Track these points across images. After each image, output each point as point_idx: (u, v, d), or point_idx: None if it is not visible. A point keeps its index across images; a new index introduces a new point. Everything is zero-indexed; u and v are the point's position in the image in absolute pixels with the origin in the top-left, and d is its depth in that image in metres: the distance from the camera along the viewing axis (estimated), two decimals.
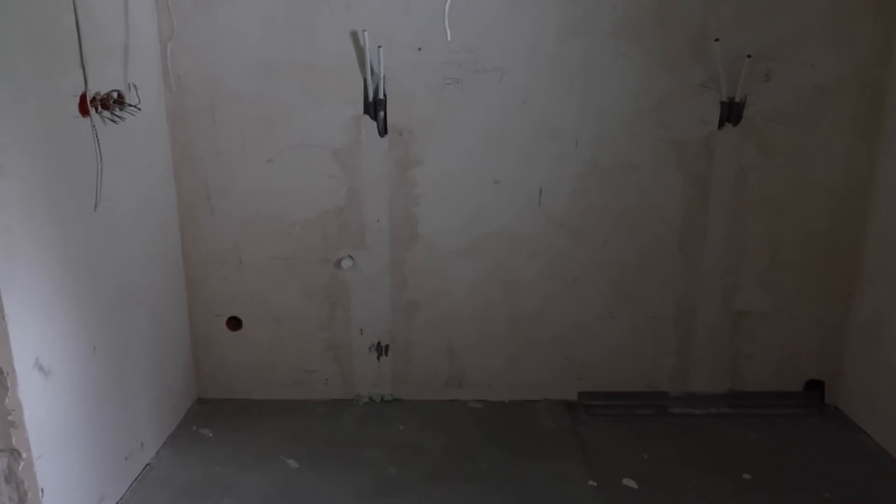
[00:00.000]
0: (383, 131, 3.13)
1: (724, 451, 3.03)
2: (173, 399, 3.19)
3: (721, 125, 3.10)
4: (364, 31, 2.98)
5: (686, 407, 3.37)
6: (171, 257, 3.18)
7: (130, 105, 2.65)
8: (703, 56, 3.03)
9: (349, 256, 3.28)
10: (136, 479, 2.79)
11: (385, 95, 3.08)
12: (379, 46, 2.99)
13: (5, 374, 2.05)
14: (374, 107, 3.09)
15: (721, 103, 3.07)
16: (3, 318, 2.00)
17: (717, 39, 2.99)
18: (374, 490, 2.75)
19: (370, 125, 3.12)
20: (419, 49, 3.03)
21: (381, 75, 3.03)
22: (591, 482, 2.81)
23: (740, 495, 2.72)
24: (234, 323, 3.38)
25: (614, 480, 2.82)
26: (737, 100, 3.05)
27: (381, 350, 3.41)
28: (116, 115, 2.56)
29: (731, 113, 3.07)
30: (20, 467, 2.14)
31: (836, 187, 3.16)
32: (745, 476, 2.84)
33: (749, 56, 2.98)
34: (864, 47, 3.00)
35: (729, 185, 3.17)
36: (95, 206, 2.46)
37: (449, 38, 3.00)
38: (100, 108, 2.45)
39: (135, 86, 2.72)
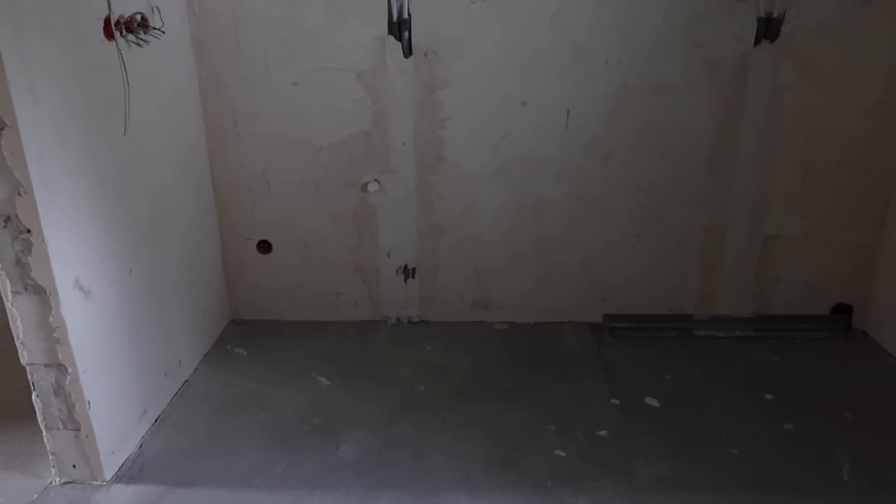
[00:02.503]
0: (408, 52, 3.08)
1: (746, 373, 3.06)
2: (208, 320, 3.30)
3: (757, 42, 2.99)
4: None
5: (710, 330, 3.39)
6: (200, 182, 3.23)
7: (154, 28, 2.63)
8: None
9: (375, 180, 3.29)
10: (175, 395, 2.93)
11: (409, 15, 3.01)
12: None
13: (48, 293, 2.14)
14: (399, 27, 3.03)
15: (758, 19, 2.95)
16: (43, 240, 2.08)
17: None
18: (403, 406, 2.86)
19: (395, 46, 3.07)
20: None
21: None
22: (613, 400, 2.87)
23: (762, 415, 2.77)
24: (265, 246, 3.45)
25: (637, 399, 2.88)
26: (775, 15, 2.93)
27: (408, 273, 3.46)
28: (141, 39, 2.55)
29: (769, 29, 2.96)
30: (67, 381, 2.26)
31: (875, 107, 3.05)
32: (767, 396, 2.88)
33: None
34: None
35: (763, 105, 3.08)
36: (125, 130, 2.49)
37: None
38: (124, 31, 2.44)
39: (158, 8, 2.69)
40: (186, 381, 3.04)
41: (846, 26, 2.94)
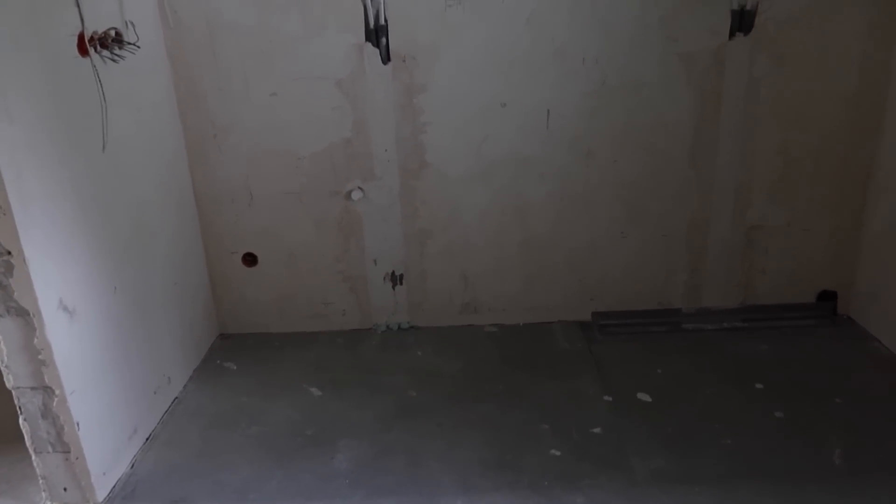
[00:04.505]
0: (386, 58, 3.07)
1: (736, 364, 3.08)
2: (196, 335, 3.27)
3: (732, 35, 3.02)
4: None
5: (699, 322, 3.41)
6: (182, 196, 3.20)
7: (129, 43, 2.61)
8: None
9: (359, 188, 3.28)
10: (166, 412, 2.90)
11: (386, 21, 3.01)
12: None
13: (31, 315, 2.11)
14: (376, 34, 3.03)
15: (731, 12, 2.98)
16: (24, 261, 2.05)
17: None
18: (396, 413, 2.84)
19: (373, 53, 3.06)
20: None
21: (381, 0, 2.96)
22: (606, 397, 2.88)
23: (753, 404, 2.79)
24: (250, 259, 3.43)
25: (629, 395, 2.89)
26: (748, 7, 2.96)
27: (395, 279, 3.45)
28: (116, 54, 2.53)
29: (742, 22, 2.99)
30: (54, 403, 2.23)
31: (850, 95, 3.09)
32: (758, 386, 2.90)
33: None
34: None
35: (740, 97, 3.11)
36: (103, 147, 2.47)
37: None
38: (98, 47, 2.42)
39: (132, 23, 2.67)
40: (176, 397, 3.01)
41: (819, 17, 2.98)
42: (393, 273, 3.44)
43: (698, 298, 3.46)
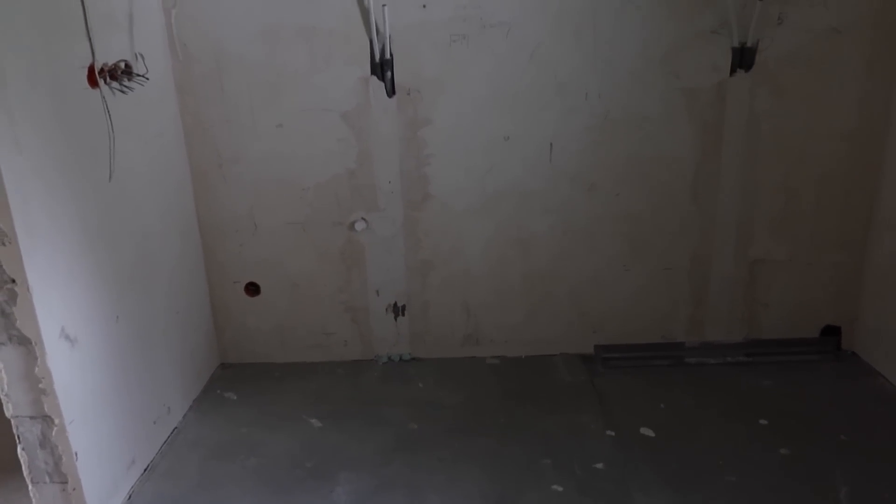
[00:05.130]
0: (391, 92, 3.11)
1: (740, 399, 3.06)
2: (197, 365, 3.26)
3: (733, 71, 3.06)
4: None
5: (702, 356, 3.39)
6: (187, 226, 3.22)
7: (138, 75, 2.65)
8: (713, 1, 2.97)
9: (362, 219, 3.30)
10: (165, 442, 2.87)
11: (392, 55, 3.06)
12: (383, 5, 2.96)
13: (33, 343, 2.11)
14: (382, 67, 3.07)
15: (732, 49, 3.02)
16: (28, 289, 2.05)
17: None
18: (397, 445, 2.82)
19: (378, 86, 3.10)
20: (424, 6, 3.00)
21: (387, 35, 3.01)
22: (608, 432, 2.85)
23: (757, 440, 2.76)
24: (253, 288, 3.43)
25: (632, 430, 2.86)
26: (748, 45, 3.00)
27: (397, 310, 3.45)
28: (125, 86, 2.56)
29: (743, 58, 3.02)
30: (53, 433, 2.21)
31: (851, 131, 3.12)
32: (762, 422, 2.88)
33: None
34: None
35: (742, 132, 3.14)
36: (110, 176, 2.49)
37: None
38: (108, 78, 2.46)
39: (141, 55, 2.71)
40: (176, 427, 2.99)
41: (819, 54, 3.02)
42: (395, 304, 3.44)
43: (701, 332, 3.45)
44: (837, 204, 3.22)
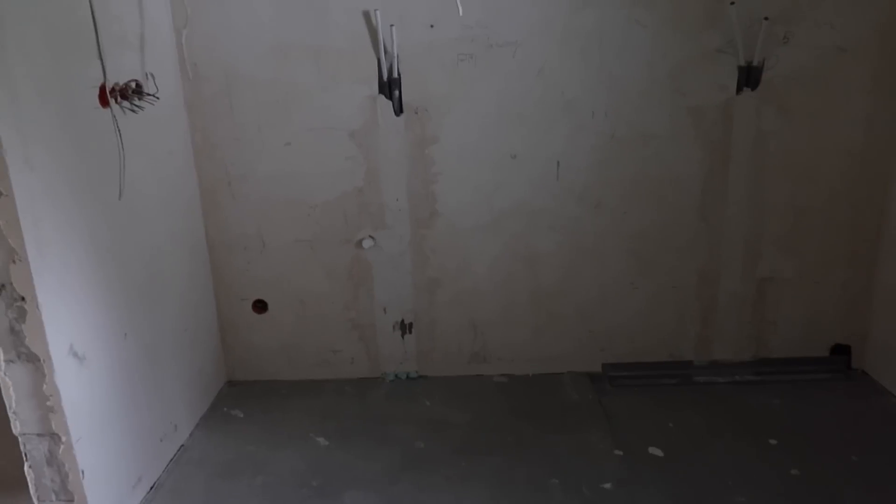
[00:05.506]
0: (399, 110, 3.13)
1: (749, 418, 3.03)
2: (204, 382, 3.26)
3: (739, 90, 3.07)
4: (376, 10, 2.97)
5: (710, 375, 3.37)
6: (195, 243, 3.23)
7: (149, 94, 2.68)
8: (719, 20, 2.99)
9: (370, 236, 3.31)
10: (171, 460, 2.87)
11: (399, 74, 3.08)
12: (391, 25, 2.99)
13: (42, 360, 2.11)
14: (389, 86, 3.09)
15: (739, 68, 3.03)
16: (38, 306, 2.06)
17: (732, 3, 2.94)
18: (403, 464, 2.80)
19: (386, 105, 3.12)
20: (431, 26, 3.03)
21: (395, 54, 3.03)
22: (616, 451, 2.83)
23: (767, 461, 2.73)
24: (260, 306, 3.44)
25: (640, 449, 2.84)
26: (755, 64, 3.01)
27: (404, 328, 3.45)
28: (136, 105, 2.59)
29: (749, 77, 3.03)
30: (60, 450, 2.21)
31: (858, 149, 3.12)
32: (771, 441, 2.85)
33: (766, 18, 2.93)
34: (884, 4, 2.94)
35: (748, 150, 3.14)
36: (120, 195, 2.51)
37: (461, 14, 2.98)
38: (119, 98, 2.48)
39: (152, 75, 2.74)
40: (182, 445, 2.98)
41: (825, 72, 3.03)
42: (402, 322, 3.44)
43: (709, 351, 3.43)
44: (845, 221, 3.21)
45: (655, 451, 2.82)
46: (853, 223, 3.21)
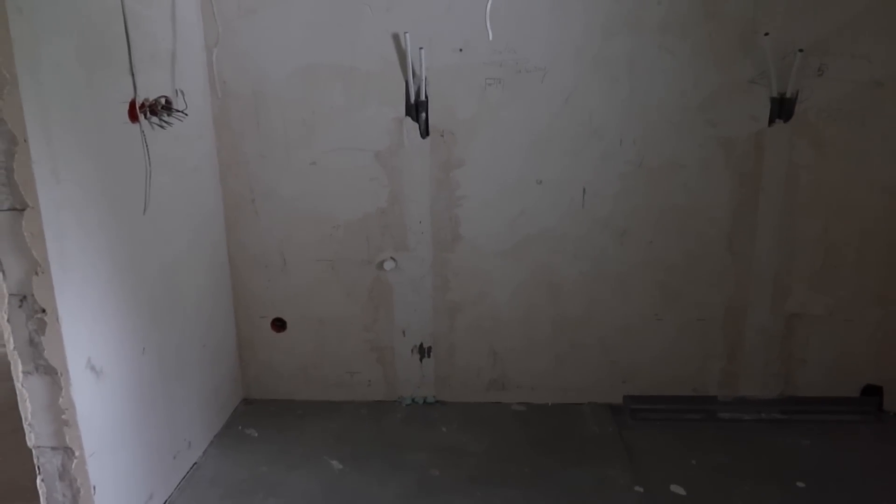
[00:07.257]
0: (425, 133, 3.12)
1: (776, 459, 2.94)
2: (220, 399, 3.24)
3: (771, 122, 3.01)
4: (405, 33, 2.98)
5: (735, 412, 3.28)
6: (217, 260, 3.23)
7: (178, 110, 2.70)
8: (753, 51, 2.95)
9: (391, 258, 3.28)
10: (184, 478, 2.84)
11: (427, 97, 3.07)
12: (420, 48, 2.99)
13: (59, 373, 2.10)
14: (416, 108, 3.09)
15: (771, 99, 2.99)
16: (58, 319, 2.06)
17: (766, 34, 2.90)
18: (418, 492, 2.75)
19: (412, 127, 3.12)
20: (460, 50, 3.02)
21: (423, 77, 3.03)
22: (637, 488, 2.75)
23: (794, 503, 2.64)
24: (279, 324, 3.42)
25: (662, 487, 2.76)
26: (788, 95, 2.96)
27: (423, 352, 3.41)
28: (164, 121, 2.61)
29: (782, 109, 2.98)
30: (73, 465, 2.20)
31: (893, 185, 3.04)
32: (799, 484, 2.75)
33: (801, 50, 2.89)
34: None
35: (780, 183, 3.08)
36: (145, 210, 2.52)
37: (490, 38, 2.98)
38: (148, 113, 2.50)
39: (182, 91, 2.77)
40: (195, 463, 2.95)
41: (860, 106, 2.97)
42: (421, 345, 3.40)
43: (735, 387, 3.34)
44: (879, 258, 3.13)
45: (678, 489, 2.74)
46: (887, 262, 3.13)
